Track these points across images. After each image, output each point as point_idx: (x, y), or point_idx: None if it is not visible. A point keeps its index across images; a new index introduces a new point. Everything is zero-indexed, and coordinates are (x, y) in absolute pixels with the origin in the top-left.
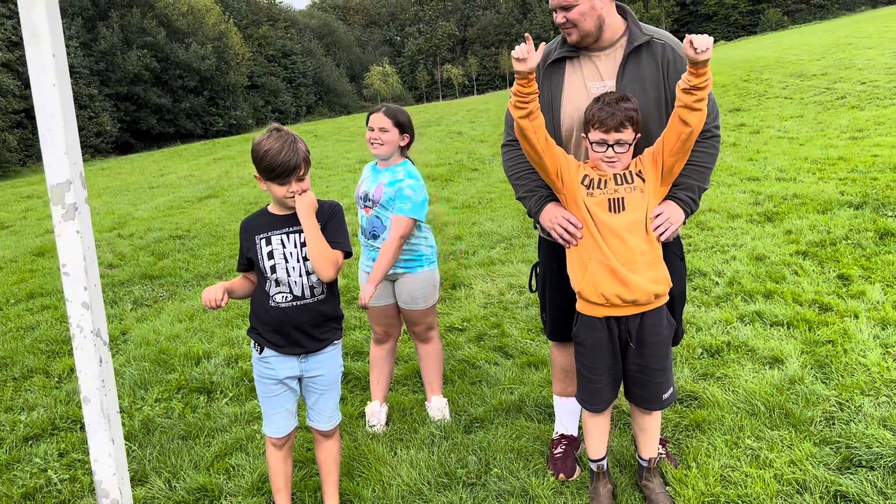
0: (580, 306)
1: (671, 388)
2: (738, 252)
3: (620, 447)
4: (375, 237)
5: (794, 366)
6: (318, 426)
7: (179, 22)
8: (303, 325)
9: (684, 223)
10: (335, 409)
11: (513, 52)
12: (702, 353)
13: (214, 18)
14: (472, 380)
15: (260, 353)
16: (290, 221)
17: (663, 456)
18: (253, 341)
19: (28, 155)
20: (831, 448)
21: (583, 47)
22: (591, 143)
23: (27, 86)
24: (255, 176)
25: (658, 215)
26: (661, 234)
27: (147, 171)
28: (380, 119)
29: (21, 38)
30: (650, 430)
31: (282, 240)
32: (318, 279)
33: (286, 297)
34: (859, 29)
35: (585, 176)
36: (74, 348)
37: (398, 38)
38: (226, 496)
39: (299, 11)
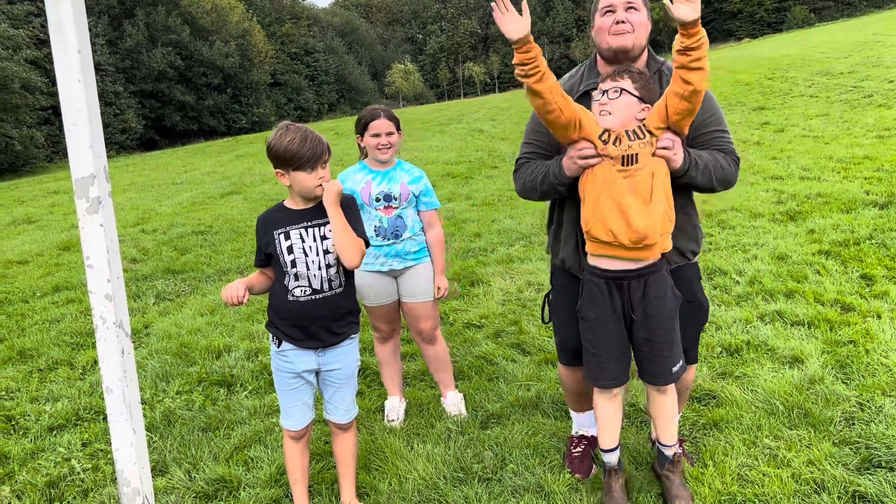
0: (589, 248)
1: (680, 361)
2: (760, 251)
3: (637, 444)
4: (398, 237)
5: (814, 366)
6: (336, 419)
7: (203, 20)
8: (322, 319)
9: (679, 170)
10: (352, 403)
11: (497, 16)
12: (721, 352)
13: (238, 16)
14: (490, 376)
15: (278, 347)
16: (308, 216)
17: (680, 454)
18: (271, 335)
19: (55, 151)
20: (851, 448)
21: (616, 62)
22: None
23: (54, 83)
24: (277, 172)
25: (667, 139)
26: (662, 150)
27: (171, 167)
28: (386, 124)
29: (48, 36)
30: (666, 410)
31: (301, 234)
32: (336, 272)
33: (305, 290)
34: (887, 26)
35: (605, 131)
36: (97, 339)
37: (420, 36)
38: (244, 487)
39: (322, 9)
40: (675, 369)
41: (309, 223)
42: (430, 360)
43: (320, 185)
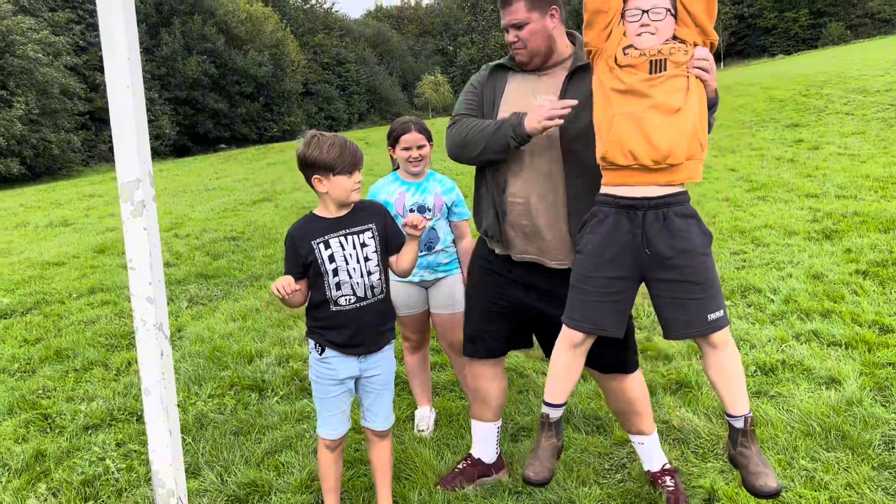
0: (606, 178)
1: (721, 310)
2: (795, 269)
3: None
4: (430, 248)
5: (852, 387)
6: (374, 426)
7: (238, 29)
8: (367, 325)
9: (711, 100)
10: (390, 410)
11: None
12: (755, 371)
13: (272, 26)
14: (520, 388)
15: (321, 354)
16: (343, 224)
17: (752, 420)
18: (313, 343)
19: (90, 156)
20: (890, 473)
21: (529, 70)
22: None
23: (93, 89)
24: (315, 178)
25: (703, 54)
26: (698, 68)
27: (203, 173)
28: (417, 138)
29: (88, 44)
30: (726, 370)
31: (340, 242)
32: (379, 279)
33: (349, 299)
34: None
35: (630, 45)
36: (137, 341)
37: (451, 48)
38: (275, 492)
39: (354, 20)
40: (711, 317)
41: (346, 231)
42: (460, 372)
43: (356, 189)
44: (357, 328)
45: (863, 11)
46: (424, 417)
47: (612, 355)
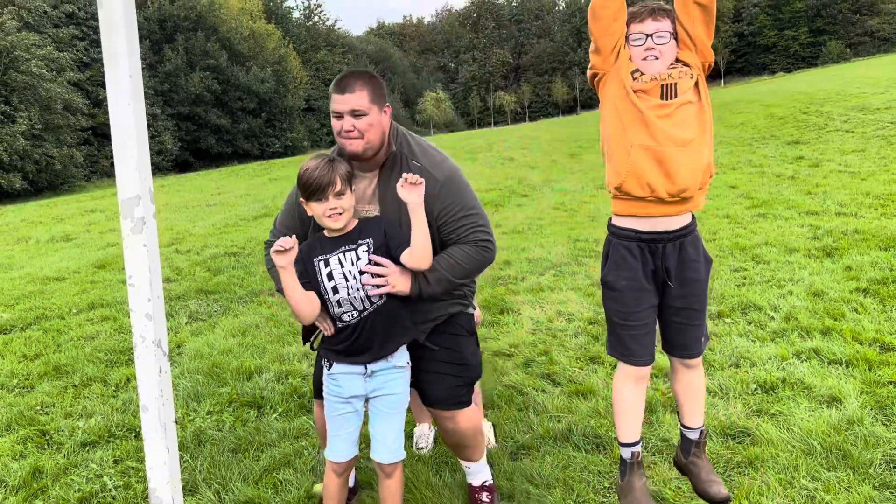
0: (618, 207)
1: (706, 331)
2: (795, 287)
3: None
4: None
5: (852, 406)
6: (379, 458)
7: (241, 46)
8: (373, 331)
9: (411, 293)
10: (398, 439)
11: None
12: (756, 389)
13: (275, 43)
14: (519, 406)
15: (329, 370)
16: (342, 242)
17: (706, 434)
18: (323, 359)
19: (93, 171)
20: (892, 492)
21: (356, 162)
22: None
23: (96, 104)
24: (301, 200)
25: (380, 265)
26: (374, 285)
27: (205, 189)
28: None
29: (92, 59)
30: (695, 388)
31: (339, 259)
32: (372, 293)
33: (352, 314)
34: None
35: (637, 69)
36: (136, 357)
37: (452, 65)
38: None
39: (357, 37)
40: (703, 339)
41: (344, 248)
42: None
43: (330, 215)
44: (360, 335)
45: (862, 30)
46: (424, 435)
47: (440, 392)
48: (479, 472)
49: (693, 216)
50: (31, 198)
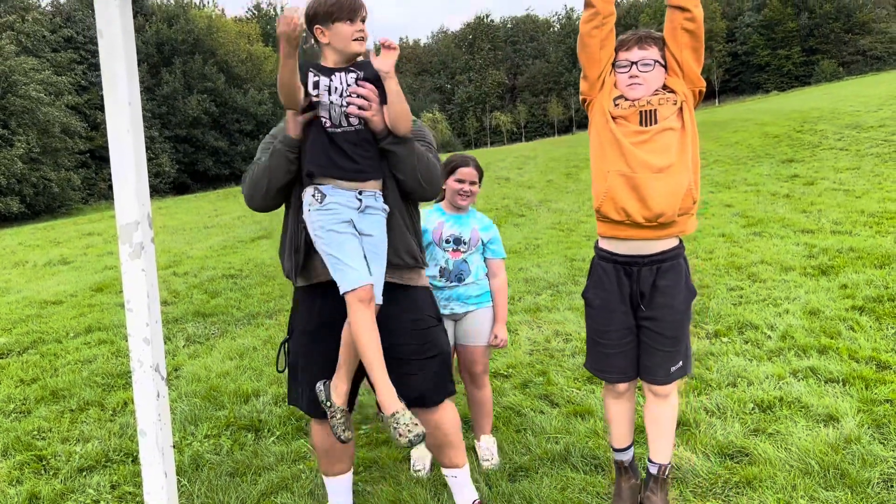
0: (600, 229)
1: (681, 362)
2: (792, 305)
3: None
4: (461, 280)
5: (850, 424)
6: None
7: (239, 68)
8: (349, 148)
9: (381, 132)
10: (380, 283)
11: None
12: (753, 408)
13: (272, 65)
14: (517, 427)
15: (321, 203)
16: (339, 69)
17: (668, 470)
18: (311, 193)
19: (90, 193)
20: None
21: None
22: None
23: (93, 127)
24: (317, 29)
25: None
26: (357, 107)
27: (202, 211)
28: (472, 173)
29: (90, 83)
30: (661, 421)
31: (329, 78)
32: (352, 112)
33: (325, 122)
34: None
35: (620, 95)
36: (133, 382)
37: (448, 86)
38: None
39: None
40: (673, 369)
41: (338, 71)
42: (474, 404)
43: (358, 37)
44: (334, 151)
45: (854, 49)
46: (421, 457)
47: (418, 386)
48: (466, 486)
49: (680, 242)
50: (29, 221)
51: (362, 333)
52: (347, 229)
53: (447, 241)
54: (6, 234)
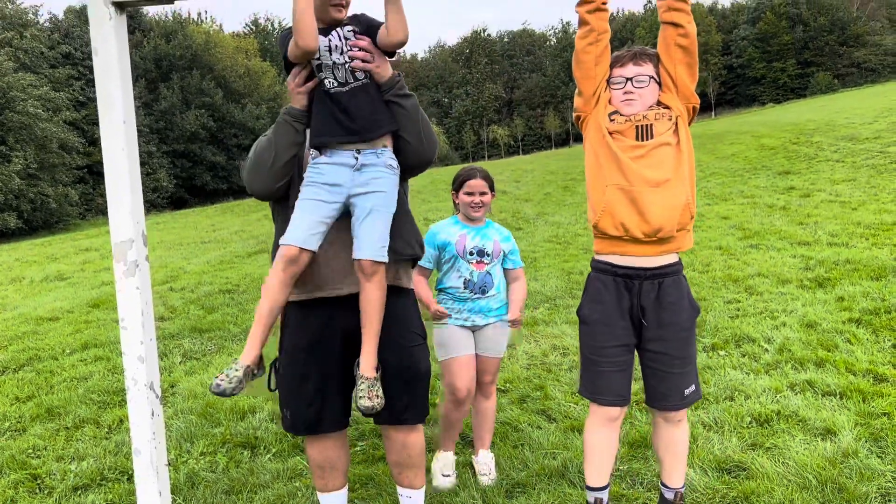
0: (597, 245)
1: (693, 385)
2: (789, 318)
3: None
4: (484, 292)
5: (847, 438)
6: (362, 255)
7: (236, 83)
8: (356, 108)
9: (387, 82)
10: (382, 238)
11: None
12: (750, 422)
13: (270, 80)
14: (515, 443)
15: (314, 158)
16: (333, 27)
17: (682, 495)
18: (314, 151)
19: (88, 209)
20: None
21: None
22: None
23: (91, 143)
24: None
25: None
26: (360, 60)
27: (200, 225)
28: (481, 184)
29: (88, 99)
30: (676, 446)
31: (329, 38)
32: (356, 66)
33: (332, 82)
34: None
35: (615, 111)
36: (128, 400)
37: (446, 100)
38: None
39: None
40: (686, 392)
41: (333, 30)
42: (479, 414)
43: (336, 4)
44: (345, 111)
45: (849, 61)
46: (449, 463)
47: (397, 407)
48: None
49: (679, 259)
50: (26, 237)
51: (268, 289)
52: (321, 193)
53: (471, 254)
54: (3, 251)
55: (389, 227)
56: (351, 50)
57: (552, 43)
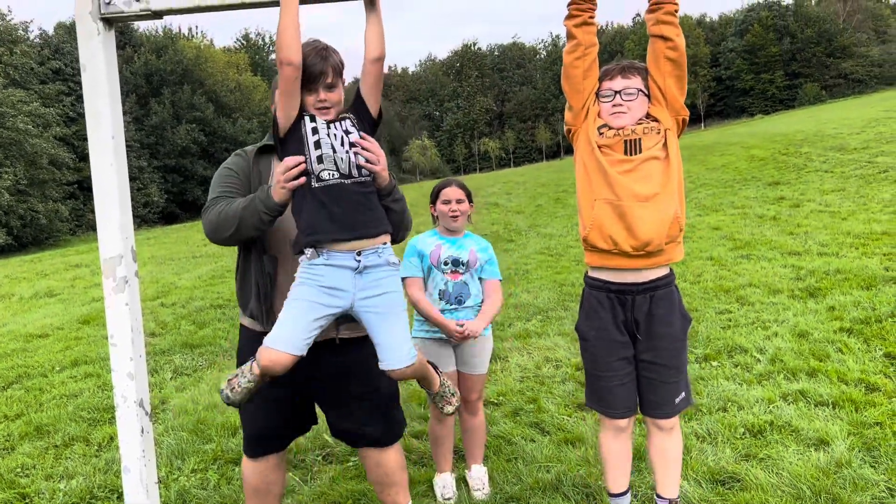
0: (588, 259)
1: (684, 393)
2: (780, 328)
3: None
4: (461, 303)
5: (840, 448)
6: (391, 365)
7: (227, 98)
8: (354, 204)
9: (385, 188)
10: (407, 341)
11: None
12: (744, 433)
13: (261, 94)
14: (508, 456)
15: (310, 260)
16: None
17: None
18: (307, 254)
19: (78, 225)
20: None
21: None
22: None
23: (82, 158)
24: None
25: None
26: (366, 162)
27: (191, 240)
28: (457, 192)
29: (78, 114)
30: (669, 454)
31: (326, 126)
32: (363, 164)
33: (332, 174)
34: None
35: (605, 124)
36: (117, 417)
37: (437, 113)
38: None
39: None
40: (678, 400)
41: (330, 122)
42: (467, 431)
43: (320, 105)
44: (345, 205)
45: (836, 72)
46: (448, 484)
47: (370, 427)
48: None
49: (671, 270)
50: (16, 253)
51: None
52: (319, 296)
53: (445, 263)
54: None
55: (406, 325)
56: (353, 146)
57: (542, 56)
